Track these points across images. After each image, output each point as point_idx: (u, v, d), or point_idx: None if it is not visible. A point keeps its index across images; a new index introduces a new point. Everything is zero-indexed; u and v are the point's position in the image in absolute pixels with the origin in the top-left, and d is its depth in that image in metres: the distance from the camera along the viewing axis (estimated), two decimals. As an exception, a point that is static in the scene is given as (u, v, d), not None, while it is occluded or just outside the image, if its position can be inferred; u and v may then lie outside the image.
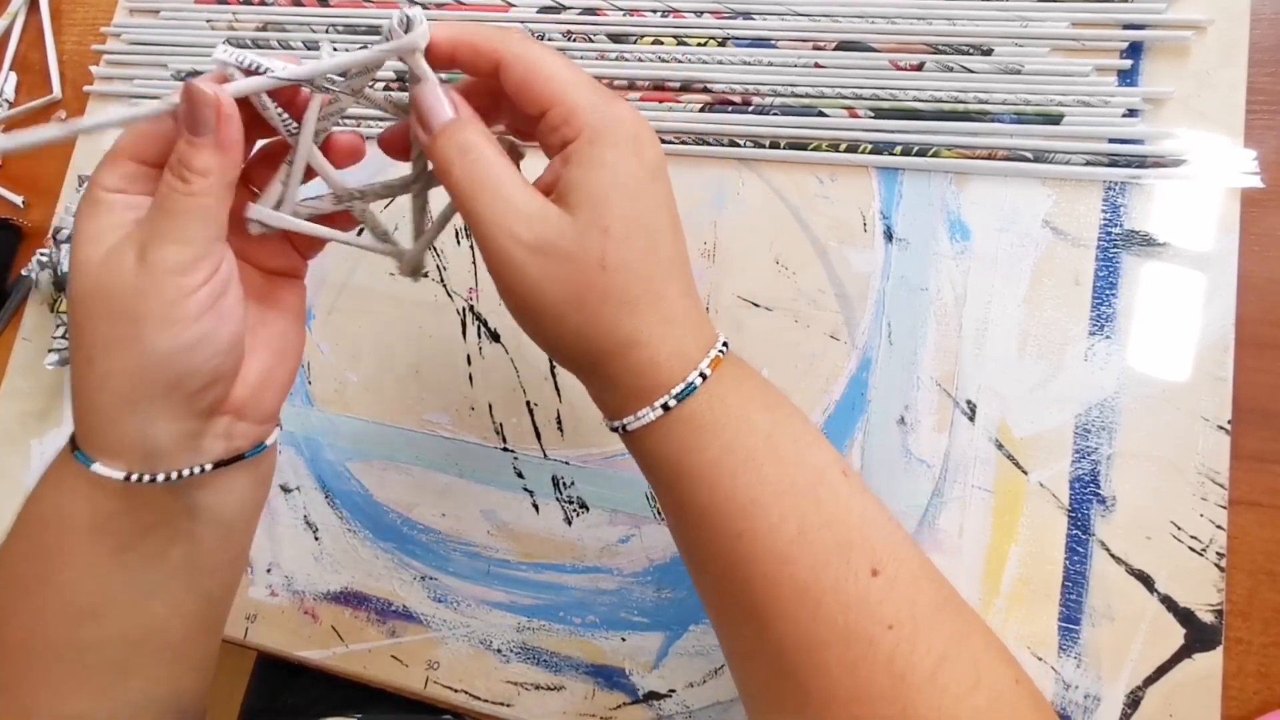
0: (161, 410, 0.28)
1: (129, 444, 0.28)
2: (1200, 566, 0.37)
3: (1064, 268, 0.41)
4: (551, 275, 0.27)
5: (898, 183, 0.44)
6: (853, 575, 0.27)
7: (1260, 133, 0.40)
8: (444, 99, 0.28)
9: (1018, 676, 0.28)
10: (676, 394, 0.28)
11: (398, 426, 0.48)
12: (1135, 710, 0.36)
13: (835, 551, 0.27)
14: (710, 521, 0.28)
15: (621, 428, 0.29)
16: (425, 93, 0.28)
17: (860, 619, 0.27)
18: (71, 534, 0.30)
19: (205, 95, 0.27)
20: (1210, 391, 0.38)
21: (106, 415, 0.28)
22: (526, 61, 0.28)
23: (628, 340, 0.28)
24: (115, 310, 0.27)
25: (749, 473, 0.28)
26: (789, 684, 0.27)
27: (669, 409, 0.28)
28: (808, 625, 0.27)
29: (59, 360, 0.51)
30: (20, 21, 0.62)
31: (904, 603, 0.27)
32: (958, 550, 0.40)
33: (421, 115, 0.28)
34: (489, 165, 0.27)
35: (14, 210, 0.59)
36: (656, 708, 0.42)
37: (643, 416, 0.28)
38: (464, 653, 0.45)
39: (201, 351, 0.28)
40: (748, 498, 0.28)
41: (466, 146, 0.28)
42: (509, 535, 0.46)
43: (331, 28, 0.54)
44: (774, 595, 0.27)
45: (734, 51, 0.47)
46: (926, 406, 0.41)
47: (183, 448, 0.29)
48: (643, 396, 0.28)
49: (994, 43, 0.43)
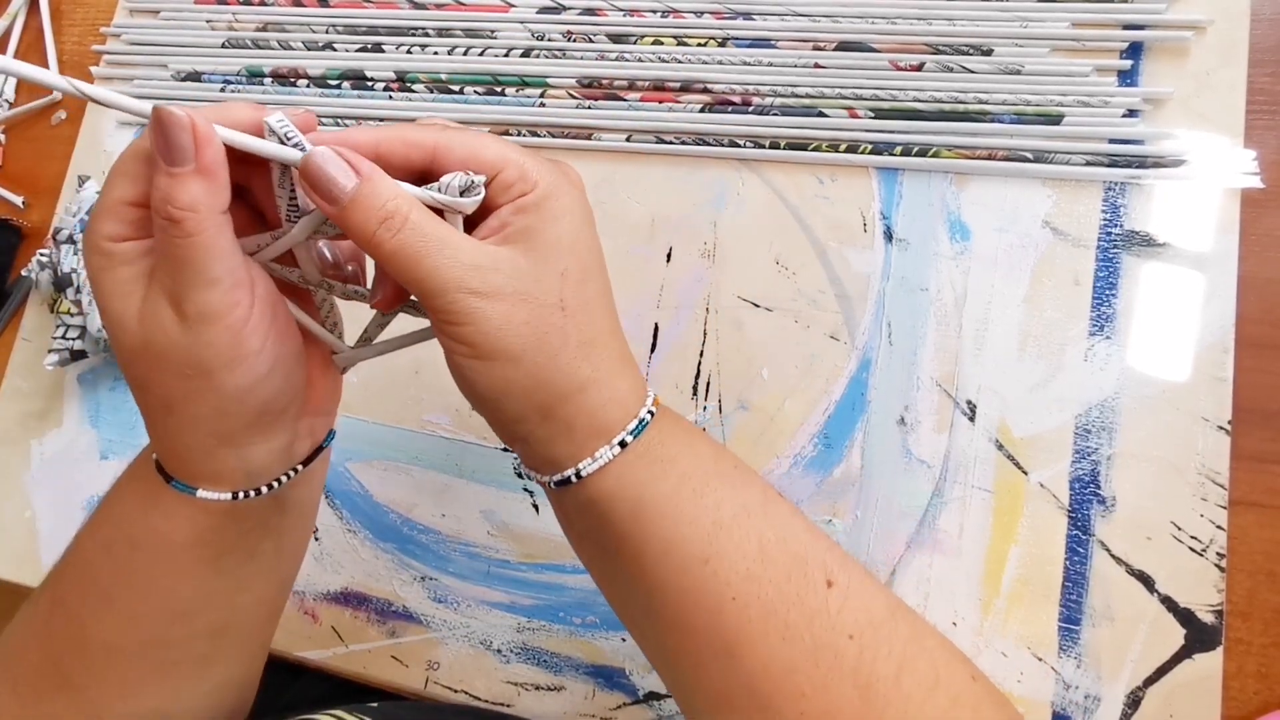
0: (256, 436, 0.29)
1: (230, 471, 0.29)
2: (1200, 567, 0.37)
3: (1064, 268, 0.41)
4: (512, 318, 0.26)
5: (898, 183, 0.44)
6: (812, 588, 0.28)
7: (1260, 133, 0.40)
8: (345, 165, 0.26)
9: (973, 674, 0.29)
10: (631, 430, 0.28)
11: (398, 426, 0.48)
12: (1135, 710, 0.36)
13: (794, 565, 0.28)
14: (677, 553, 0.28)
15: (575, 474, 0.28)
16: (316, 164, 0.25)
17: (824, 631, 0.27)
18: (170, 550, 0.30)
19: (177, 118, 0.24)
20: (1210, 392, 0.38)
21: (201, 452, 0.28)
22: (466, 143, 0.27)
23: (586, 380, 0.28)
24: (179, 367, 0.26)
25: (706, 498, 0.28)
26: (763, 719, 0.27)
27: (625, 445, 0.28)
28: (779, 647, 0.27)
29: (59, 361, 0.51)
30: (20, 21, 0.62)
31: (860, 611, 0.28)
32: (958, 550, 0.40)
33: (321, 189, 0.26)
34: (420, 227, 0.26)
35: (14, 210, 0.59)
36: (656, 708, 0.42)
37: (600, 457, 0.28)
38: (464, 653, 0.45)
39: (277, 375, 0.28)
40: (711, 521, 0.28)
41: (388, 212, 0.26)
42: (509, 535, 0.46)
43: (331, 28, 0.54)
44: (745, 619, 0.27)
45: (734, 52, 0.47)
46: (926, 407, 0.41)
47: (279, 460, 0.30)
48: (598, 436, 0.28)
49: (994, 43, 0.43)
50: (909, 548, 0.40)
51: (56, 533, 0.52)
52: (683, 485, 0.28)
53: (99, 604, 0.31)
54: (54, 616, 0.32)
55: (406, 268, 0.26)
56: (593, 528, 0.30)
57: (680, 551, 0.28)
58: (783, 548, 0.28)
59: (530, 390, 0.28)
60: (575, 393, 0.28)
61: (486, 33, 0.51)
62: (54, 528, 0.52)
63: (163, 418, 0.28)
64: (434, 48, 0.52)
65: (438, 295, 0.26)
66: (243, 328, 0.26)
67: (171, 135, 0.24)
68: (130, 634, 0.31)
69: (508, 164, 0.27)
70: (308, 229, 0.28)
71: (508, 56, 0.50)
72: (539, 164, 0.28)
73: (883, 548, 0.41)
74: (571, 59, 0.49)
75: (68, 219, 0.54)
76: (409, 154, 0.27)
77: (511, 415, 0.28)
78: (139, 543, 0.30)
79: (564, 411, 0.28)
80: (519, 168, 0.27)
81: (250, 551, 0.32)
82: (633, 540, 0.28)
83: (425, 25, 0.52)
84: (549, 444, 0.29)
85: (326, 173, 0.26)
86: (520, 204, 0.27)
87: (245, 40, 0.55)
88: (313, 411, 0.32)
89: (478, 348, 0.27)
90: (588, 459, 0.28)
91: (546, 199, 0.27)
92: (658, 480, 0.28)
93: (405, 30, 0.53)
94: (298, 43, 0.54)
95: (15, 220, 0.58)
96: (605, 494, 0.28)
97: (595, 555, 0.31)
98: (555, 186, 0.28)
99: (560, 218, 0.28)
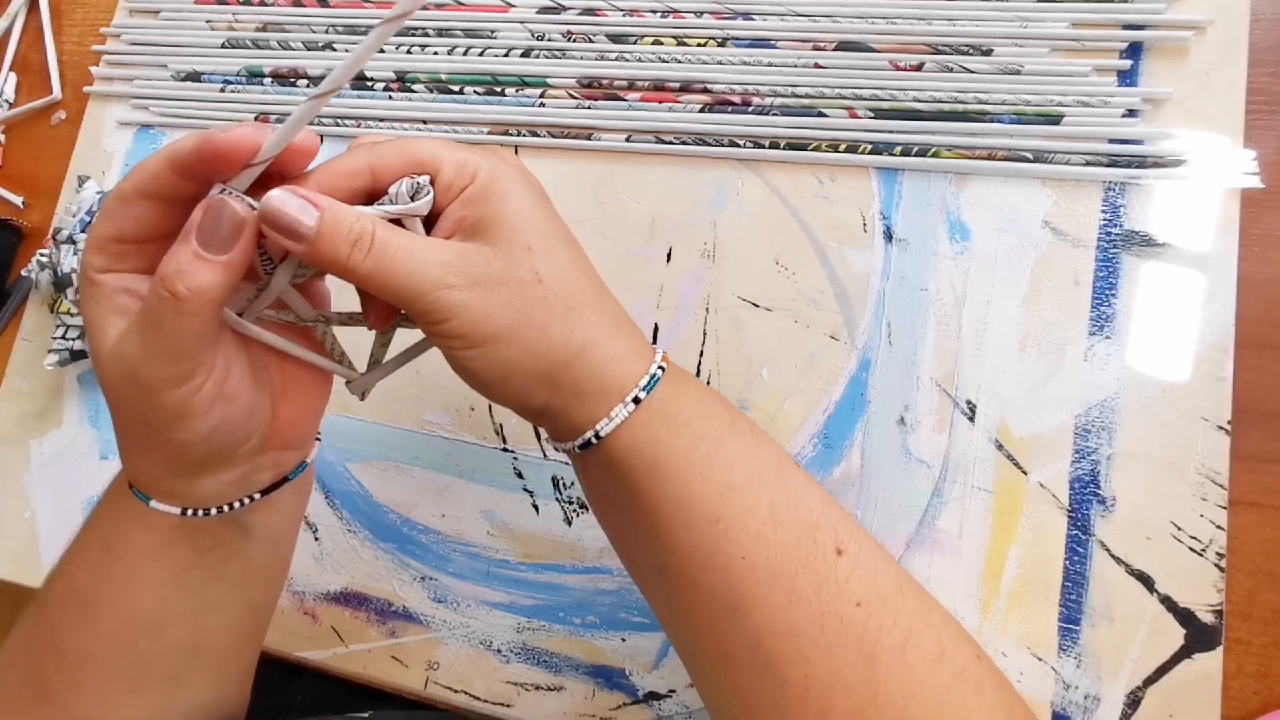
0: (205, 474, 0.30)
1: (180, 495, 0.30)
2: (1200, 567, 0.37)
3: (1064, 268, 0.41)
4: (493, 302, 0.27)
5: (897, 183, 0.44)
6: (821, 554, 0.28)
7: (1260, 133, 0.40)
8: (302, 202, 0.26)
9: (978, 653, 0.29)
10: (644, 385, 0.29)
11: (397, 427, 0.48)
12: (1135, 710, 0.36)
13: (803, 531, 0.28)
14: (688, 511, 0.28)
15: (594, 435, 0.29)
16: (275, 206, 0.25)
17: (832, 597, 0.27)
18: (133, 558, 0.31)
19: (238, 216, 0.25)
20: (1210, 392, 0.38)
21: (152, 476, 0.30)
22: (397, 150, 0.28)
23: (583, 344, 0.29)
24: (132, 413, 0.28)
25: (720, 458, 0.29)
26: (766, 680, 0.28)
27: (639, 401, 0.29)
28: (785, 609, 0.27)
29: (59, 361, 0.51)
30: (20, 21, 0.62)
31: (868, 580, 0.28)
32: (958, 550, 0.40)
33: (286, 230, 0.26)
34: (387, 241, 0.27)
35: (14, 210, 0.59)
36: (656, 708, 0.42)
37: (616, 416, 0.29)
38: (464, 653, 0.45)
39: (223, 430, 0.28)
40: (723, 482, 0.28)
41: (354, 234, 0.26)
42: (509, 535, 0.46)
43: (331, 28, 0.54)
44: (752, 579, 0.28)
45: (734, 52, 0.47)
46: (926, 407, 0.41)
47: (232, 489, 0.31)
48: (610, 395, 0.29)
49: (994, 43, 0.43)
50: (909, 548, 0.40)
51: (56, 533, 0.52)
52: (696, 445, 0.29)
53: (75, 611, 0.32)
54: (37, 625, 0.33)
55: (384, 282, 0.27)
56: (612, 489, 0.30)
57: (691, 509, 0.28)
58: (793, 513, 0.28)
59: (530, 365, 0.28)
60: (574, 357, 0.28)
61: (486, 33, 0.51)
62: (54, 528, 0.52)
63: (126, 440, 0.30)
64: (434, 48, 0.52)
65: (418, 299, 0.27)
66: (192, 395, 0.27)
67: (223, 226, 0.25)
68: (102, 642, 0.32)
69: (442, 163, 0.28)
70: (286, 274, 0.29)
71: (507, 56, 0.50)
72: (472, 154, 0.29)
73: (882, 548, 0.41)
74: (571, 59, 0.49)
75: (67, 219, 0.54)
76: (350, 184, 0.28)
77: (521, 392, 0.29)
78: (110, 547, 0.31)
79: (569, 377, 0.29)
80: (454, 164, 0.28)
81: (215, 572, 0.32)
82: (647, 497, 0.29)
83: (425, 25, 0.52)
84: (566, 411, 0.29)
85: (287, 215, 0.26)
86: (465, 197, 0.28)
87: (245, 40, 0.55)
88: (278, 446, 0.32)
89: (468, 338, 0.28)
90: (604, 419, 0.29)
91: (490, 184, 0.28)
92: (672, 439, 0.29)
93: (405, 30, 0.53)
94: (298, 43, 0.54)
95: (15, 220, 0.58)
96: (622, 452, 0.29)
97: (612, 515, 0.32)
98: (494, 170, 0.29)
99: (508, 198, 0.28)
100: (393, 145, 0.28)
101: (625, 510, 0.30)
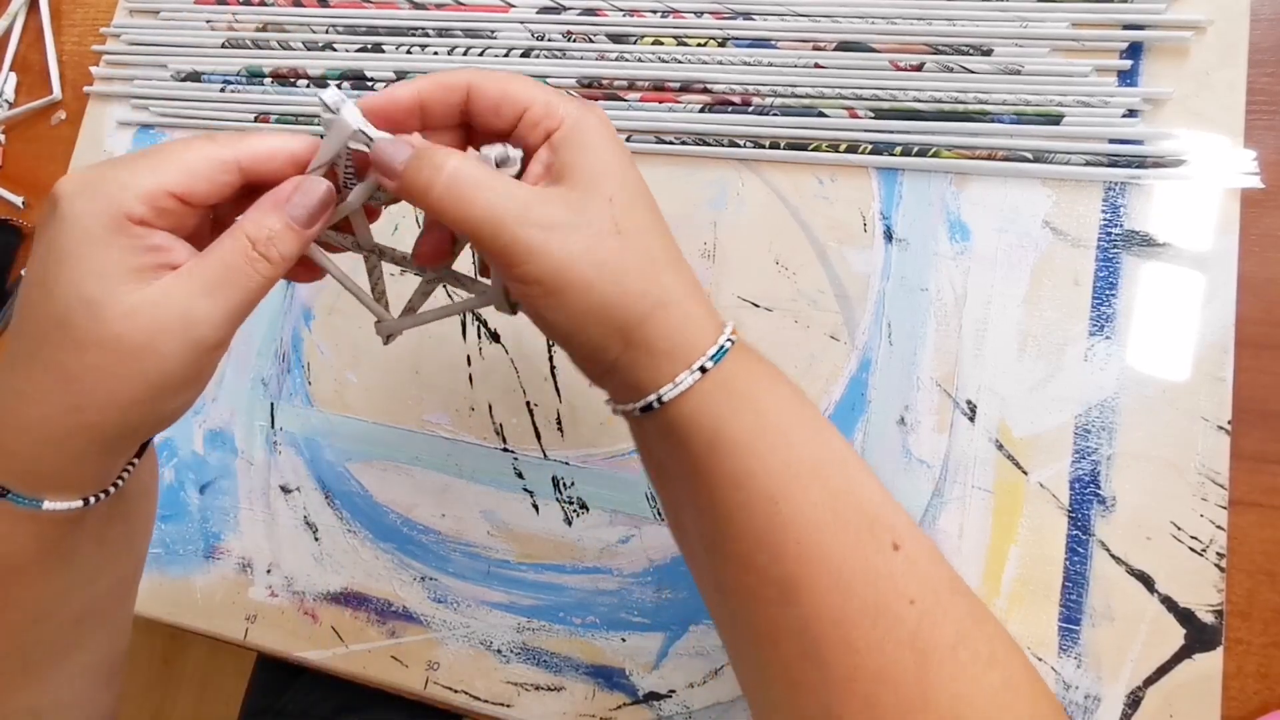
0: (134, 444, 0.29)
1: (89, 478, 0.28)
2: (1200, 567, 0.37)
3: (1064, 268, 0.41)
4: (571, 247, 0.27)
5: (897, 183, 0.44)
6: (877, 547, 0.27)
7: (1260, 133, 0.40)
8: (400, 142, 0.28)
9: (1026, 662, 0.28)
10: (712, 355, 0.28)
11: (398, 427, 0.48)
12: (1135, 710, 0.36)
13: (862, 523, 0.28)
14: (746, 489, 0.28)
15: (657, 399, 0.28)
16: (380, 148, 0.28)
17: (886, 593, 0.27)
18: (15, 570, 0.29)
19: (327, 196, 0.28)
20: (1210, 392, 0.38)
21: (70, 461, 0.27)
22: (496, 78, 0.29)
23: (659, 300, 0.28)
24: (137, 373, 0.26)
25: (781, 437, 0.28)
26: (808, 665, 0.27)
27: (705, 371, 0.28)
28: (836, 597, 0.27)
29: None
30: (20, 21, 0.62)
31: (924, 579, 0.27)
32: (958, 550, 0.40)
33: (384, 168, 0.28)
34: (470, 172, 0.27)
35: (14, 210, 0.59)
36: (656, 708, 0.42)
37: (681, 382, 0.28)
38: (464, 653, 0.45)
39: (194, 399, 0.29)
40: (782, 462, 0.28)
41: (438, 163, 0.27)
42: (509, 536, 0.46)
43: (331, 28, 0.54)
44: (805, 565, 0.27)
45: (734, 52, 0.47)
46: (926, 407, 0.41)
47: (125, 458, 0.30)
48: (678, 359, 0.28)
49: (994, 43, 0.43)
50: (909, 548, 0.40)
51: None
52: (760, 422, 0.28)
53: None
54: None
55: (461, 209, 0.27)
56: (670, 456, 0.30)
57: (749, 488, 0.28)
58: (852, 503, 0.28)
59: (606, 317, 0.28)
60: (650, 313, 0.28)
61: (486, 33, 0.51)
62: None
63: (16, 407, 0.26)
64: (434, 48, 0.52)
65: (497, 233, 0.27)
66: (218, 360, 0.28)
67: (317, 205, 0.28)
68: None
69: (534, 101, 0.29)
70: (363, 195, 0.30)
71: (508, 56, 0.50)
72: (564, 99, 0.29)
73: (883, 548, 0.41)
74: (571, 59, 0.49)
75: (68, 219, 0.54)
76: (447, 96, 0.29)
77: (595, 344, 0.29)
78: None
79: (643, 333, 0.28)
80: (545, 105, 0.29)
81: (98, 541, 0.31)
82: (705, 470, 0.28)
83: (425, 25, 0.52)
84: (633, 369, 0.29)
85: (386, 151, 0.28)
86: (553, 141, 0.29)
87: (245, 40, 0.55)
88: None
89: (545, 283, 0.27)
90: (669, 384, 0.28)
91: (575, 130, 0.29)
92: (736, 414, 0.28)
93: (405, 30, 0.53)
94: (298, 43, 0.54)
95: (15, 220, 0.58)
96: (684, 421, 0.28)
97: (668, 485, 0.31)
98: (582, 119, 0.29)
99: (594, 147, 0.28)
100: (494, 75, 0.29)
101: (681, 481, 0.30)
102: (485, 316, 0.48)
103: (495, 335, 0.48)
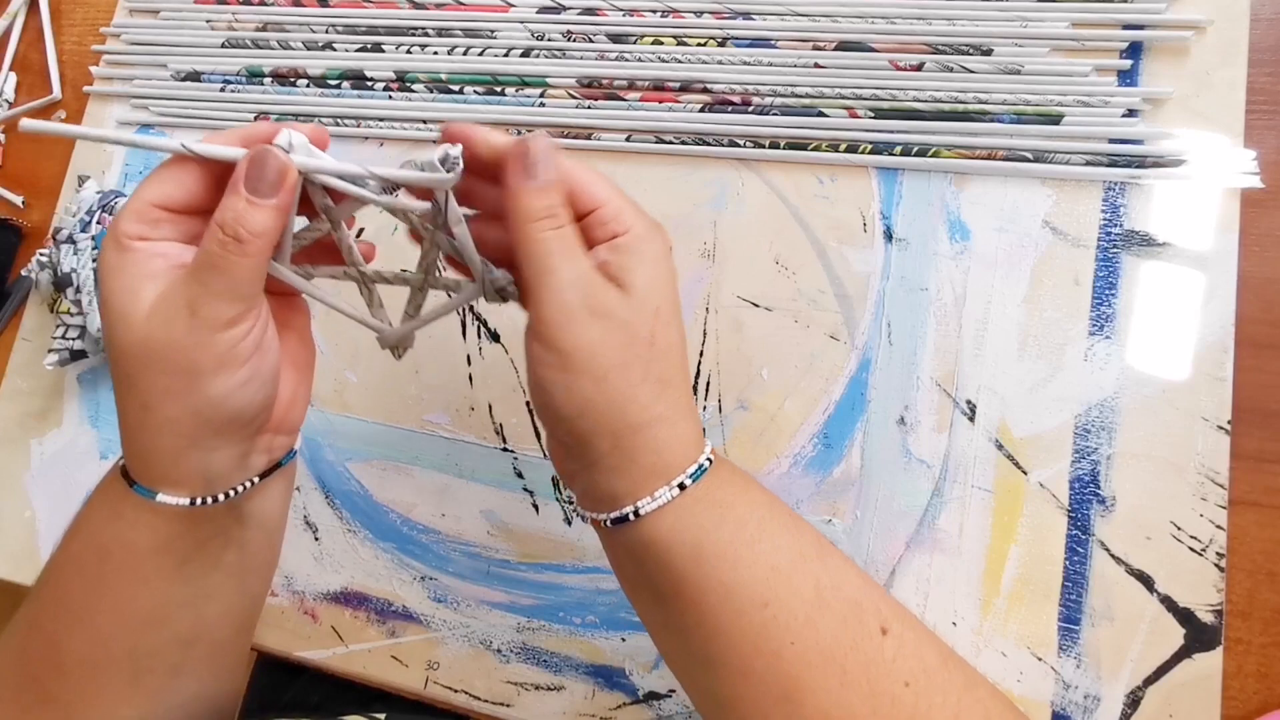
0: (221, 443, 0.30)
1: (191, 475, 0.30)
2: (1200, 566, 0.37)
3: (1064, 268, 0.41)
4: (608, 339, 0.28)
5: (897, 183, 0.44)
6: (867, 634, 0.28)
7: (1260, 133, 0.40)
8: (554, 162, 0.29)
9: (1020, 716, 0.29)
10: (691, 474, 0.29)
11: (398, 427, 0.48)
12: (1135, 710, 0.36)
13: (849, 611, 0.29)
14: (736, 597, 0.28)
15: (634, 511, 0.29)
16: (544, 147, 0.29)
17: (881, 678, 0.28)
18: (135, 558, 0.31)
19: (280, 161, 0.28)
20: (1210, 391, 0.38)
21: (169, 455, 0.30)
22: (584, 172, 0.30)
23: (658, 416, 0.29)
24: (172, 364, 0.28)
25: (764, 542, 0.29)
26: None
27: (683, 488, 0.29)
28: (838, 692, 0.27)
29: (59, 360, 0.51)
30: (20, 21, 0.62)
31: (915, 658, 0.28)
32: (958, 550, 0.40)
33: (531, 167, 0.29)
34: (570, 233, 0.29)
35: (14, 210, 0.59)
36: (656, 708, 0.42)
37: (659, 497, 0.29)
38: (464, 653, 0.45)
39: (252, 386, 0.30)
40: (768, 566, 0.29)
41: (554, 210, 0.29)
42: (509, 535, 0.46)
43: (331, 28, 0.54)
44: (804, 664, 0.28)
45: (734, 52, 0.47)
46: (926, 406, 0.41)
47: (236, 469, 0.32)
48: (659, 475, 0.29)
49: (994, 43, 0.43)
50: (909, 547, 0.40)
51: (56, 532, 0.52)
52: (740, 530, 0.29)
53: (72, 621, 0.32)
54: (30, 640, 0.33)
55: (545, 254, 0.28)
56: (649, 572, 0.30)
57: (740, 595, 0.28)
58: (838, 593, 0.29)
59: (606, 414, 0.29)
60: (646, 425, 0.29)
61: (486, 33, 0.51)
62: (54, 527, 0.52)
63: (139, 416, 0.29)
64: (434, 48, 0.52)
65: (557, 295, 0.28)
66: (239, 340, 0.29)
67: (267, 173, 0.28)
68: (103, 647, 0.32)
69: (608, 203, 0.30)
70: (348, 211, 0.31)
71: (507, 56, 0.50)
72: (634, 209, 0.30)
73: (882, 548, 0.41)
74: (571, 59, 0.49)
75: (67, 219, 0.54)
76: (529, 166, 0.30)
77: (585, 436, 0.29)
78: (106, 552, 0.31)
79: (633, 442, 0.29)
80: (617, 210, 0.30)
81: (213, 561, 0.33)
82: (691, 584, 0.29)
83: (425, 25, 0.52)
84: (612, 474, 0.29)
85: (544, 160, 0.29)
86: (616, 244, 0.29)
87: (245, 40, 0.55)
88: (274, 429, 0.33)
89: (569, 358, 0.28)
90: (646, 497, 0.29)
91: (640, 241, 0.30)
92: (716, 525, 0.29)
93: (405, 30, 0.53)
94: (298, 43, 0.54)
95: (15, 220, 0.58)
96: (663, 536, 0.29)
97: (650, 601, 0.32)
98: (648, 233, 0.30)
99: (654, 262, 0.30)
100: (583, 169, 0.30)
101: (665, 598, 0.30)
102: (485, 317, 0.48)
103: (495, 335, 0.48)
